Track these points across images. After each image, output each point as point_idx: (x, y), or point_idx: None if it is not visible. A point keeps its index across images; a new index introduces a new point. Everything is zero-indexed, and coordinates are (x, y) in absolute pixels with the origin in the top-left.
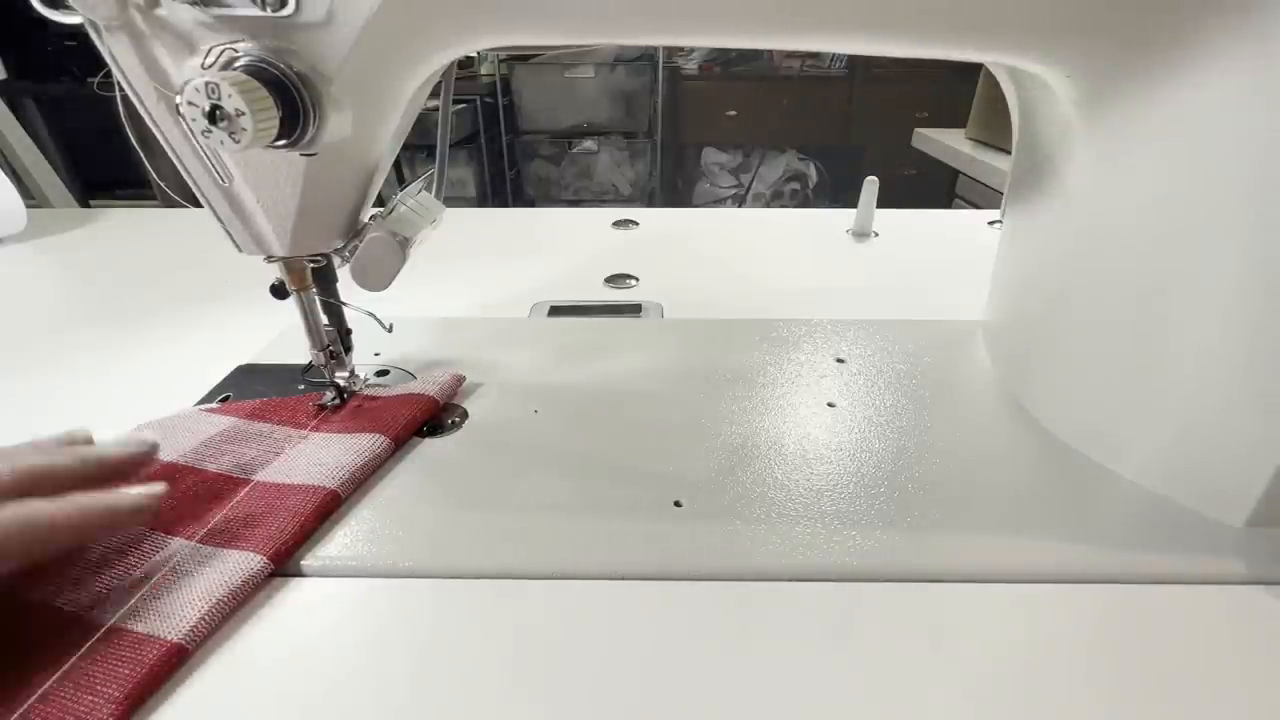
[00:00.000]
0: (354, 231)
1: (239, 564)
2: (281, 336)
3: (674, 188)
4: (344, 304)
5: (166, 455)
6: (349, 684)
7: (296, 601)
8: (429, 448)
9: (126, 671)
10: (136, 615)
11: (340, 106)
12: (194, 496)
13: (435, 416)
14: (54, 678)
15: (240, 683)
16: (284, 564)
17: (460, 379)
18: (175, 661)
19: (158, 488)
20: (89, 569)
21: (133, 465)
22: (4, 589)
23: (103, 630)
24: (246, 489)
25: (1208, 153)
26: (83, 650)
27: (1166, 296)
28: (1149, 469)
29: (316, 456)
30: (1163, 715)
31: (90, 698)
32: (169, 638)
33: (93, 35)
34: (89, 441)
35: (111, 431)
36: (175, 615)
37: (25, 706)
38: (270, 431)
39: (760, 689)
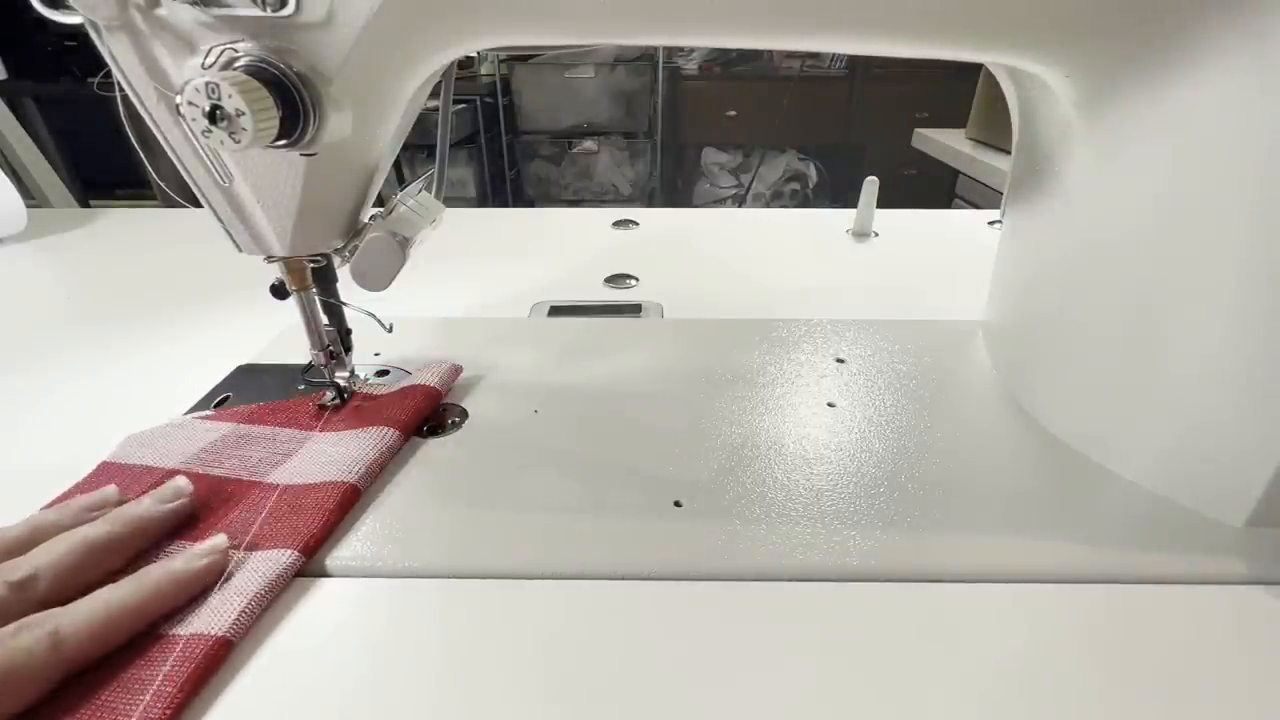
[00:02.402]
0: (354, 231)
1: (270, 560)
2: (281, 336)
3: (674, 188)
4: (344, 304)
5: (169, 462)
6: (352, 684)
7: (299, 602)
8: (429, 448)
9: (179, 670)
10: (180, 621)
11: (340, 106)
12: (206, 504)
13: (437, 412)
14: (111, 686)
15: (257, 684)
16: (312, 557)
17: (458, 369)
18: (223, 654)
19: (221, 540)
20: None
21: (178, 520)
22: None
23: (153, 639)
24: (262, 491)
25: (1207, 152)
26: (139, 659)
27: (1166, 296)
28: (1149, 469)
29: (328, 454)
30: (1163, 715)
31: (145, 697)
32: (214, 633)
33: (93, 35)
34: (121, 502)
35: (110, 434)
36: (216, 613)
37: (89, 712)
38: (274, 434)
39: (760, 689)
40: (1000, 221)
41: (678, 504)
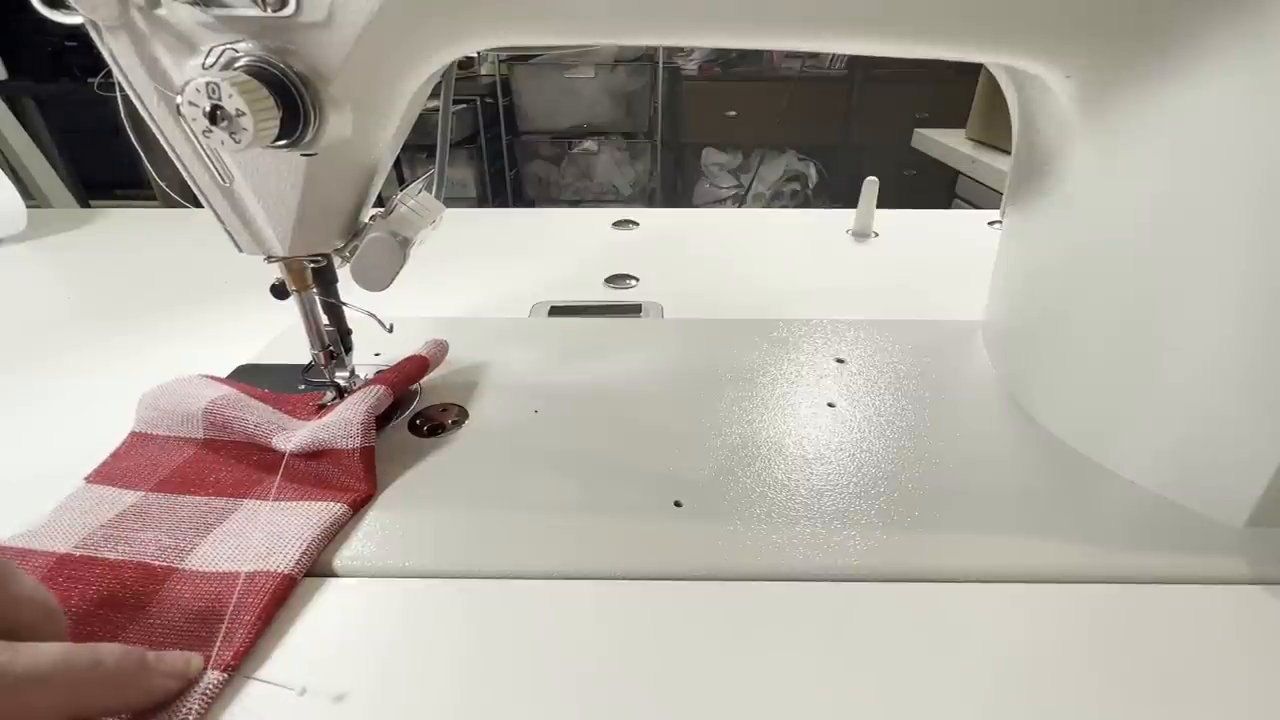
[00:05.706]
0: (354, 231)
1: (323, 510)
2: (281, 336)
3: (674, 188)
4: (344, 304)
5: (191, 430)
6: (351, 683)
7: (297, 601)
8: (429, 448)
9: (253, 600)
10: (239, 561)
11: (340, 106)
12: (241, 462)
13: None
14: (184, 616)
15: (259, 684)
16: (359, 511)
17: (443, 343)
18: (288, 589)
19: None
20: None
21: None
22: None
23: (214, 578)
24: (273, 456)
25: (1207, 152)
26: (204, 596)
27: (1166, 296)
28: (1149, 469)
29: (320, 422)
30: (1163, 715)
31: (223, 625)
32: (279, 570)
33: (93, 35)
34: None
35: (111, 434)
36: (276, 554)
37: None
38: (276, 414)
39: (760, 689)
40: (1000, 221)
41: (678, 504)
